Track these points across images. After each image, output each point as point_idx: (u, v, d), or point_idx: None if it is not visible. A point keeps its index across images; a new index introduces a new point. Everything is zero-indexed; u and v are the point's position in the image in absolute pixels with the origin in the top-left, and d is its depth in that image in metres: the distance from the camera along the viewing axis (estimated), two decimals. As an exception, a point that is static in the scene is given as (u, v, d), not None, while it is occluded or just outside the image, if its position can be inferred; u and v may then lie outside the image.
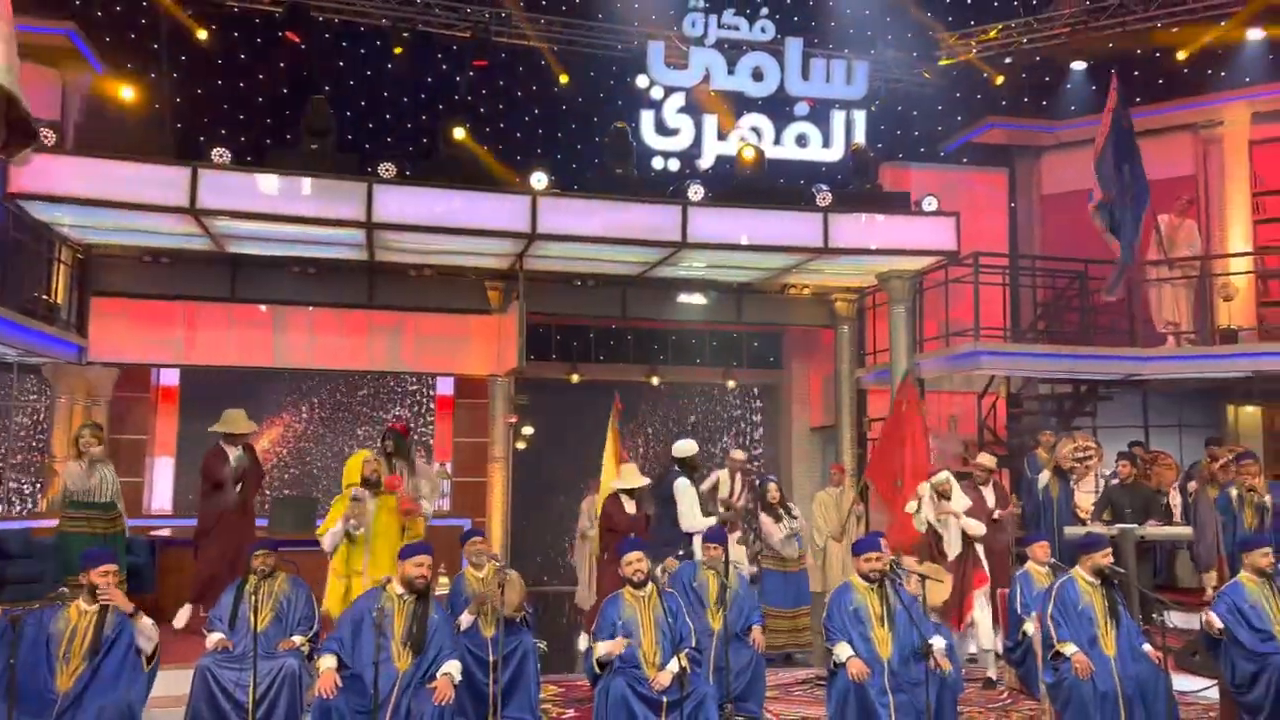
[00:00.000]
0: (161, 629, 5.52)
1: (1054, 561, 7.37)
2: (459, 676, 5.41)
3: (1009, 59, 13.79)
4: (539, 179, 9.68)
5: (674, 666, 5.57)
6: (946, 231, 10.42)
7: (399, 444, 8.46)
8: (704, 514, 7.96)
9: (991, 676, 7.77)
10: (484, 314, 11.09)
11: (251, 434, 8.62)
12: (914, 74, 14.13)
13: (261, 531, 9.51)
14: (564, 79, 13.37)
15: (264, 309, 10.77)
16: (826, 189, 10.35)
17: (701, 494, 8.63)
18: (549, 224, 9.62)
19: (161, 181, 8.83)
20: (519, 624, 6.39)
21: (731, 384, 14.02)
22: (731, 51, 12.16)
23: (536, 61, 13.56)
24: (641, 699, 5.49)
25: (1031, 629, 6.67)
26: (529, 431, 12.66)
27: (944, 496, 7.88)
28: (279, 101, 12.81)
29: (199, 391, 11.76)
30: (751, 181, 10.84)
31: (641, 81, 12.09)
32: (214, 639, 5.87)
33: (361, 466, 7.48)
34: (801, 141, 12.31)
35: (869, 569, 5.89)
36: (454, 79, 13.48)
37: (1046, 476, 9.73)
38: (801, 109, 12.32)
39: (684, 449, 8.12)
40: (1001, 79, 13.81)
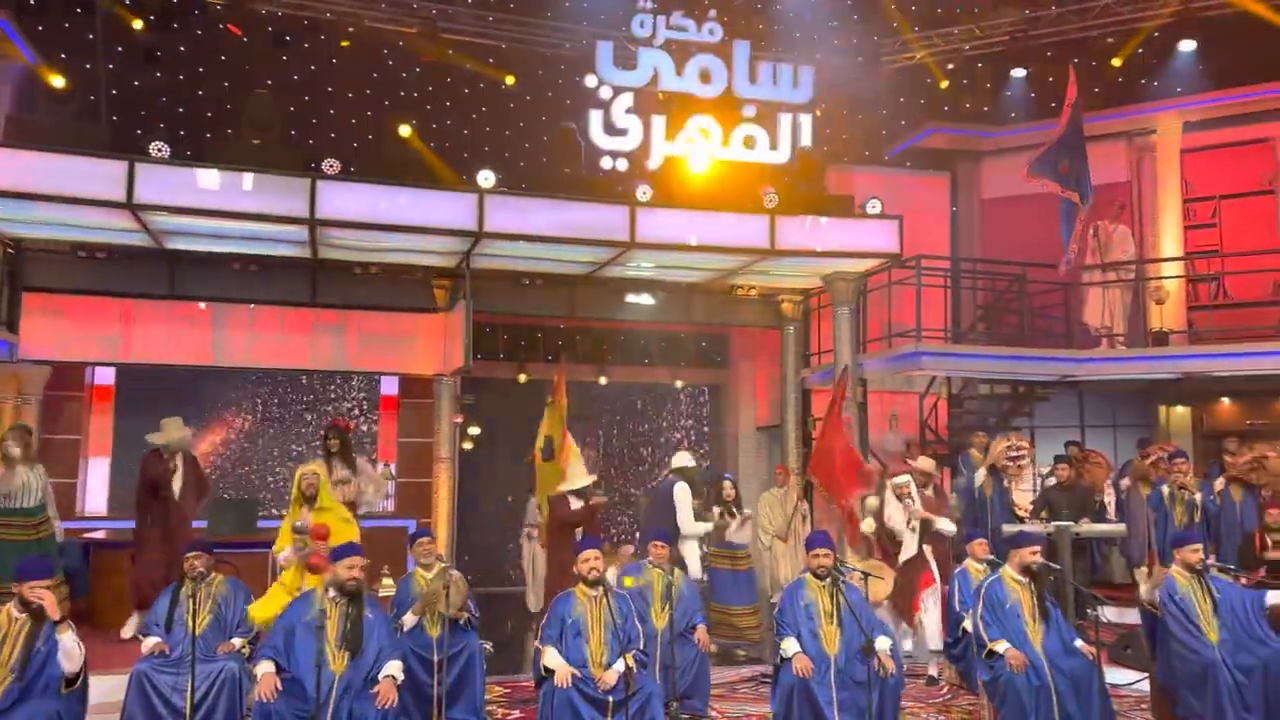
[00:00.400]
0: (101, 635, 5.39)
1: (992, 559, 7.52)
2: (401, 677, 5.37)
3: (951, 65, 14.04)
4: (486, 177, 9.62)
5: (620, 666, 5.59)
6: (890, 234, 10.57)
7: (344, 441, 8.37)
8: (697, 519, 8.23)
9: (933, 674, 7.91)
10: (430, 313, 10.99)
11: (188, 442, 8.45)
12: (859, 79, 14.30)
13: (199, 533, 9.33)
14: (510, 80, 13.30)
15: (203, 306, 10.54)
16: (773, 191, 10.43)
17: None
18: (496, 222, 9.56)
19: (96, 175, 8.59)
20: (465, 625, 6.37)
21: (679, 384, 14.08)
22: (680, 53, 12.20)
23: (484, 59, 13.47)
24: (587, 699, 5.50)
25: (970, 626, 6.81)
26: (475, 432, 12.58)
27: (903, 499, 8.06)
28: (220, 95, 12.55)
29: (136, 390, 11.49)
30: (700, 183, 10.90)
31: (590, 81, 12.06)
32: (149, 643, 5.75)
33: (299, 482, 7.22)
34: (749, 144, 12.39)
35: (817, 565, 5.98)
36: (400, 75, 13.34)
37: (982, 476, 9.91)
38: (749, 111, 12.39)
39: (683, 460, 8.59)
40: (946, 84, 14.05)
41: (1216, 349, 11.26)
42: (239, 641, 5.85)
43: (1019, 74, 14.04)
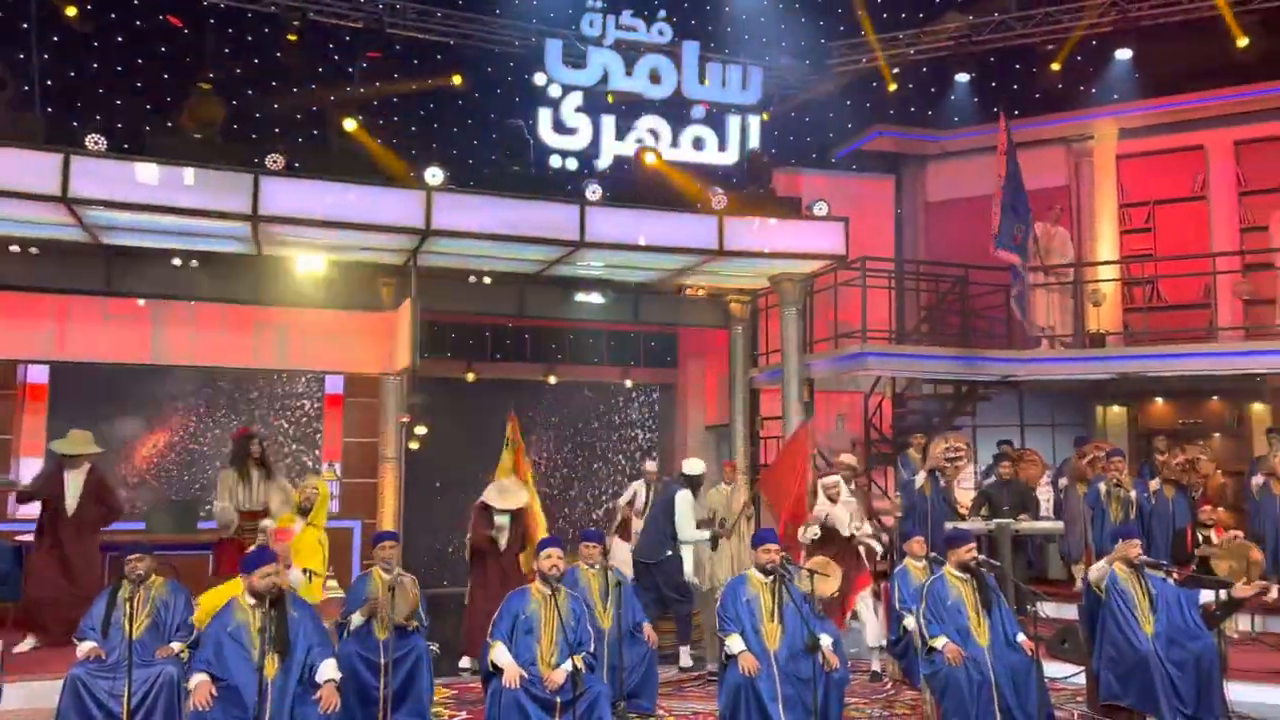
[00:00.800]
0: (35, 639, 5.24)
1: (933, 556, 7.65)
2: (338, 676, 5.33)
3: (897, 69, 14.24)
4: (434, 174, 9.53)
5: (567, 666, 5.59)
6: (836, 236, 10.68)
7: (263, 448, 8.36)
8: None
9: (876, 670, 8.03)
10: (376, 311, 10.87)
11: (94, 457, 8.22)
12: (807, 81, 14.45)
13: (138, 534, 9.14)
14: (457, 79, 13.21)
15: (142, 303, 10.30)
16: (722, 192, 10.50)
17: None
18: (444, 220, 9.48)
19: (30, 168, 8.32)
20: (411, 631, 6.32)
21: (629, 383, 14.10)
22: (630, 53, 12.22)
23: (432, 55, 13.36)
24: (534, 699, 5.49)
25: (911, 623, 6.92)
26: (422, 431, 12.46)
27: (833, 500, 8.19)
28: (161, 88, 12.28)
29: (71, 389, 11.18)
30: (649, 183, 10.93)
31: (539, 79, 12.03)
32: (85, 648, 5.61)
33: (303, 491, 7.70)
34: (698, 145, 12.46)
35: (766, 560, 6.03)
36: (346, 70, 13.17)
37: (922, 478, 10.05)
38: (698, 112, 12.46)
39: (695, 467, 8.67)
40: (894, 87, 14.25)
41: (1150, 350, 11.58)
42: (178, 646, 5.72)
43: (963, 79, 14.28)
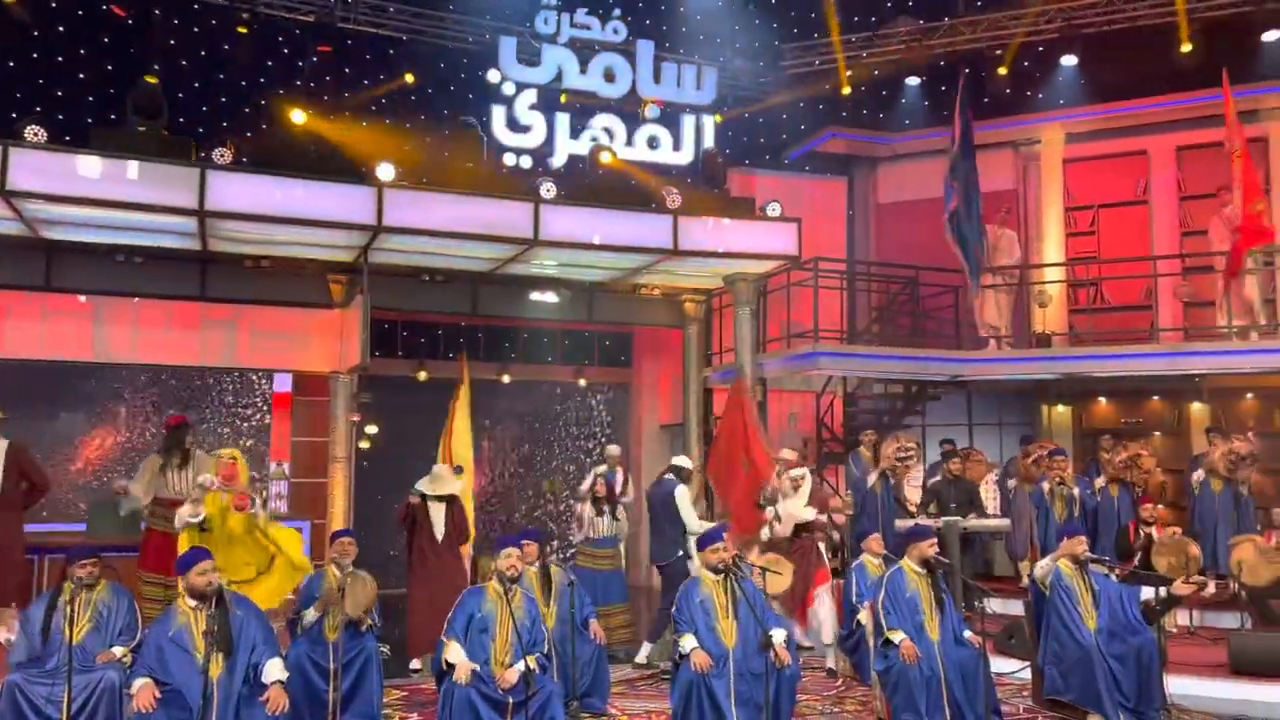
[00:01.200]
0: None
1: (887, 553, 7.74)
2: (285, 676, 5.25)
3: (850, 72, 14.37)
4: (386, 170, 9.43)
5: (520, 666, 5.56)
6: (789, 237, 10.76)
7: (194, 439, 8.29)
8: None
9: (831, 667, 8.10)
10: (325, 308, 10.72)
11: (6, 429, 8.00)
12: (761, 82, 14.53)
13: (80, 536, 8.93)
14: (409, 78, 13.07)
15: (84, 299, 10.05)
16: (676, 192, 10.52)
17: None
18: (396, 217, 9.38)
19: (-35, 160, 8.14)
20: (364, 629, 6.25)
21: (583, 382, 14.06)
22: (584, 51, 12.19)
23: (384, 50, 13.20)
24: (486, 699, 5.45)
25: (865, 618, 7.00)
26: (373, 430, 12.33)
27: (796, 489, 8.32)
28: (104, 78, 11.99)
29: (9, 387, 10.87)
30: (604, 182, 10.91)
31: (493, 76, 11.94)
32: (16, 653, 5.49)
33: (217, 467, 7.46)
34: (653, 144, 12.45)
35: (715, 560, 6.05)
36: (297, 64, 12.96)
37: (874, 477, 10.12)
38: (653, 111, 12.45)
39: (680, 461, 8.80)
40: (848, 90, 14.38)
41: (1094, 351, 11.81)
42: (120, 650, 5.58)
43: (913, 82, 14.46)
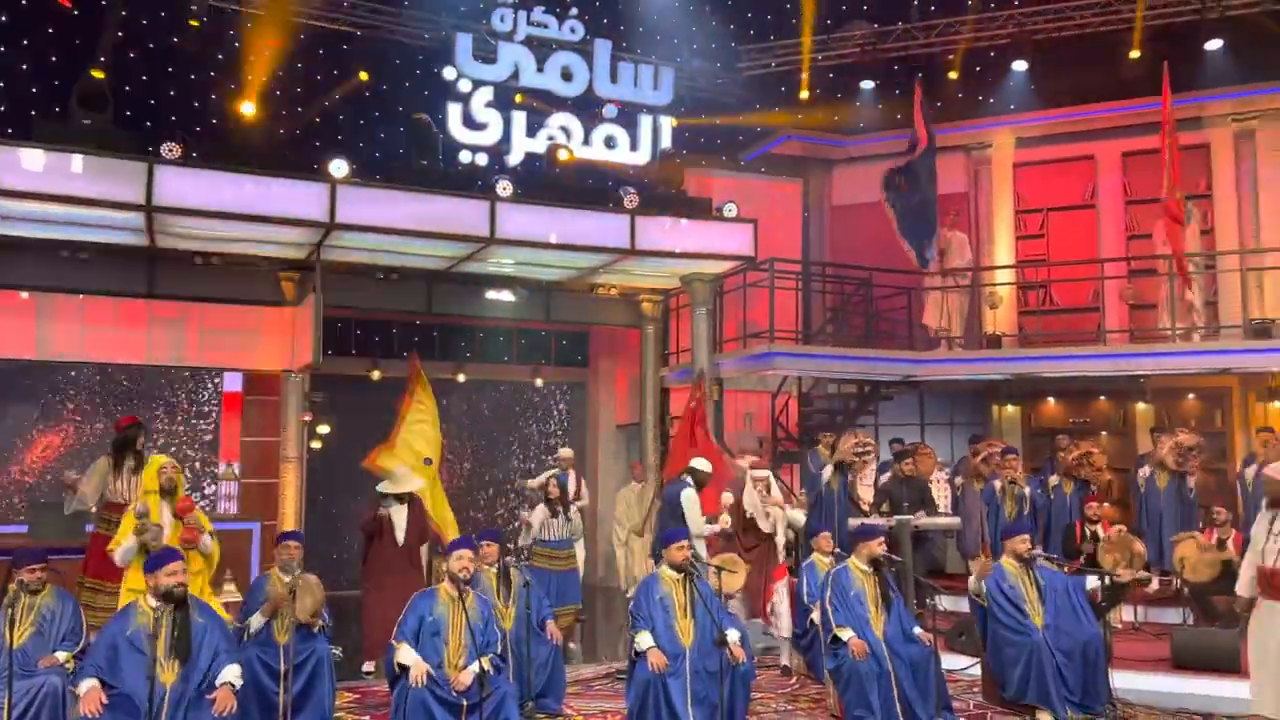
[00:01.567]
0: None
1: (838, 551, 7.81)
2: (240, 682, 5.17)
3: (804, 75, 14.49)
4: (339, 166, 9.30)
5: (475, 667, 5.53)
6: (745, 237, 10.81)
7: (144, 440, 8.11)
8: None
9: (787, 664, 8.16)
10: (277, 306, 10.56)
11: None
12: (718, 83, 14.60)
13: (22, 538, 8.72)
14: (364, 76, 12.94)
15: (25, 295, 9.80)
16: (634, 191, 10.53)
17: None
18: (349, 214, 9.26)
19: (-97, 151, 7.90)
20: (315, 631, 6.17)
21: (540, 382, 14.01)
22: (541, 49, 12.15)
23: (337, 45, 13.04)
24: (441, 702, 5.42)
25: (817, 616, 7.05)
26: (325, 431, 12.17)
27: (769, 490, 8.43)
28: (47, 70, 11.70)
29: (-53, 385, 10.62)
30: (561, 180, 10.88)
31: (449, 74, 11.86)
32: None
33: (157, 474, 7.03)
34: (610, 143, 12.46)
35: (679, 558, 6.07)
36: (248, 57, 12.76)
37: (829, 473, 10.23)
38: (610, 111, 12.45)
39: (703, 464, 8.70)
40: (806, 93, 14.50)
41: (1044, 352, 12.02)
42: (63, 655, 5.47)
43: (868, 85, 14.62)
